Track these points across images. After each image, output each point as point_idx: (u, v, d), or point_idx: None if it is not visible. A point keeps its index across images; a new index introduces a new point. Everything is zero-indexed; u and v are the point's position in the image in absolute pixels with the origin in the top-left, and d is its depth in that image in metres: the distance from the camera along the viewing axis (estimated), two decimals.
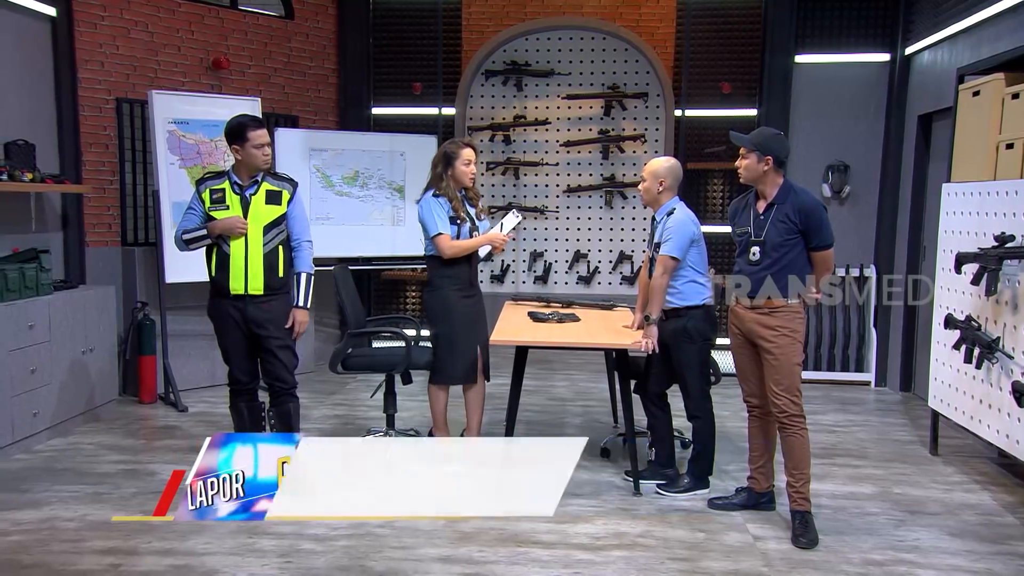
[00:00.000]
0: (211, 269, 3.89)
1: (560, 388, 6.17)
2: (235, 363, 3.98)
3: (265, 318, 3.87)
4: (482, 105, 7.45)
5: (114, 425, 5.03)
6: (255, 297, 3.86)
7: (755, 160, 3.50)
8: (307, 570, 3.14)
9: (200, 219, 3.85)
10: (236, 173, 3.90)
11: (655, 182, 3.96)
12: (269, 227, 3.88)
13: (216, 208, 3.83)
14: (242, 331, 3.90)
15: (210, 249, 3.88)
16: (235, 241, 3.82)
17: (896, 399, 6.07)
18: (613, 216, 7.44)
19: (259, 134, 3.81)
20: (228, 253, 3.83)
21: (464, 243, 4.18)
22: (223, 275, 3.85)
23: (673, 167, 4.00)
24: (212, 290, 3.94)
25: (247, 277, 3.84)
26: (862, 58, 6.45)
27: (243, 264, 3.83)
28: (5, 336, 4.25)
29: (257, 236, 3.85)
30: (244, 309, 3.86)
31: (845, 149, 6.50)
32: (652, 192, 3.99)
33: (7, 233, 4.89)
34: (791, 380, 3.50)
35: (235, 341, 3.92)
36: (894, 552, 3.41)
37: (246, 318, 3.87)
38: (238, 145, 3.83)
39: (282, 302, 3.93)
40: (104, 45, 5.67)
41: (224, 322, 3.90)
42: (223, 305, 3.88)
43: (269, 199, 3.89)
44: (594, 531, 3.53)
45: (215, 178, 3.92)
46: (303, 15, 6.88)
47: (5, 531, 3.44)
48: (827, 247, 3.52)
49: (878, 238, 6.45)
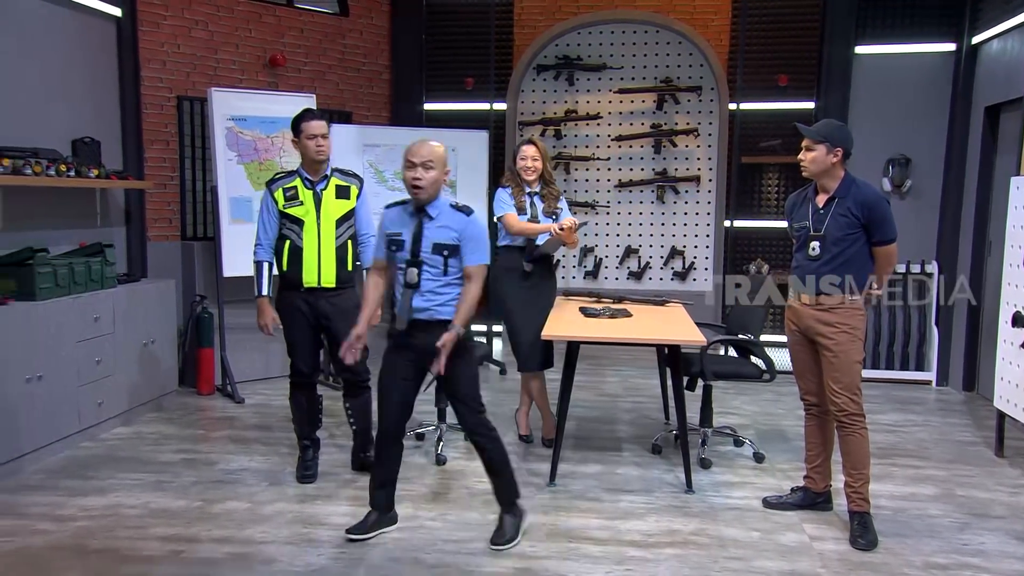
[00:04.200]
0: (282, 263, 3.94)
1: (611, 384, 6.14)
2: (300, 356, 4.01)
3: (335, 312, 3.92)
4: (533, 100, 7.45)
5: (174, 415, 5.16)
6: (326, 291, 3.91)
7: (824, 152, 3.40)
8: (360, 560, 3.18)
9: (276, 220, 3.89)
10: (305, 169, 3.94)
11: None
12: (340, 221, 3.94)
13: (291, 205, 3.87)
14: (310, 324, 3.94)
15: (281, 243, 3.91)
16: (308, 234, 3.87)
17: (959, 399, 5.89)
18: (665, 211, 7.37)
19: (311, 125, 3.86)
20: (301, 247, 3.88)
21: (528, 225, 4.37)
22: (295, 268, 3.89)
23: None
24: (282, 283, 3.96)
25: (320, 270, 3.89)
26: (926, 48, 6.27)
27: (316, 257, 3.88)
28: (73, 328, 4.39)
29: (330, 230, 3.91)
30: (315, 303, 3.91)
31: (906, 142, 6.32)
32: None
33: (74, 228, 5.05)
34: (851, 378, 3.42)
35: (303, 334, 3.96)
36: (958, 556, 3.31)
37: (316, 312, 3.92)
38: (296, 138, 3.90)
39: (350, 296, 3.99)
40: (166, 44, 5.82)
41: (292, 315, 3.93)
42: (292, 298, 3.92)
43: (339, 194, 3.96)
44: (646, 528, 3.51)
45: (285, 177, 3.96)
46: (357, 12, 6.95)
47: (73, 516, 3.56)
48: (890, 241, 3.42)
49: (941, 234, 6.27)
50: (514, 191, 4.45)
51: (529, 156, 4.42)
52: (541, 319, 4.21)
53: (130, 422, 4.94)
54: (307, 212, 3.88)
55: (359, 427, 4.10)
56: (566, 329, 4.03)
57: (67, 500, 3.73)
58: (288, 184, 3.91)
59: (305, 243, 3.87)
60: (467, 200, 6.38)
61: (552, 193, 4.50)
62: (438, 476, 4.11)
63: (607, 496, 3.86)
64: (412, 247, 3.24)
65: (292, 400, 4.10)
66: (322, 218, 3.89)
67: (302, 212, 3.87)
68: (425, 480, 4.04)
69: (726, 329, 4.77)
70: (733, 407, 5.48)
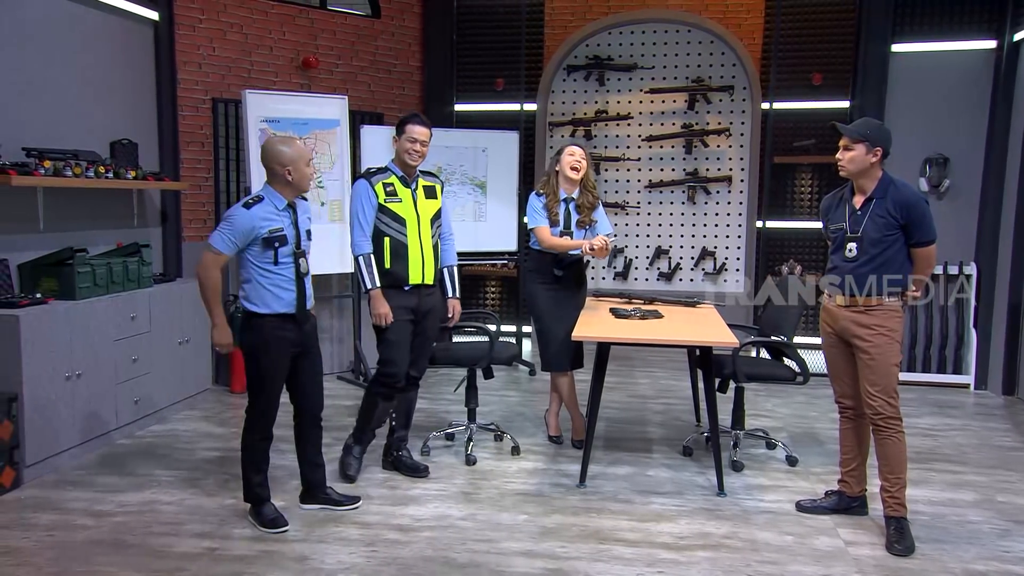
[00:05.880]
0: (385, 260, 3.87)
1: (642, 385, 6.11)
2: (401, 355, 3.91)
3: (431, 308, 3.98)
4: (563, 100, 7.43)
5: (208, 413, 5.23)
6: (428, 287, 3.95)
7: (863, 151, 3.35)
8: (392, 559, 3.19)
9: (375, 213, 3.85)
10: (398, 167, 3.95)
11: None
12: (434, 219, 3.98)
13: (391, 200, 3.86)
14: (411, 322, 3.93)
15: (379, 240, 3.87)
16: (412, 231, 3.88)
17: (998, 403, 5.77)
18: (696, 212, 7.31)
19: (415, 129, 3.87)
20: (406, 244, 3.87)
21: (560, 242, 4.35)
22: (400, 265, 3.88)
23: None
24: (383, 282, 3.88)
25: (423, 267, 3.92)
26: (965, 46, 6.15)
27: (419, 254, 3.90)
28: (110, 326, 4.47)
29: (427, 227, 3.94)
30: (418, 300, 3.93)
31: (945, 141, 6.21)
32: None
33: (112, 228, 5.14)
34: (887, 381, 3.37)
35: (405, 332, 3.92)
36: (999, 563, 3.24)
37: (417, 308, 3.93)
38: (397, 136, 3.93)
39: (439, 294, 4.04)
40: (202, 47, 5.90)
41: (397, 313, 3.87)
42: (393, 297, 3.86)
43: (427, 194, 3.99)
44: (677, 531, 3.48)
45: (380, 173, 3.94)
46: (389, 14, 7.00)
47: (111, 512, 3.62)
48: (929, 243, 3.36)
49: (980, 234, 6.15)
50: (548, 201, 4.38)
51: (577, 153, 4.37)
52: (571, 320, 4.19)
53: (165, 420, 5.02)
54: (407, 209, 3.89)
55: (398, 423, 4.13)
56: (596, 330, 4.01)
57: (105, 496, 3.80)
58: (386, 179, 3.91)
59: (410, 241, 3.88)
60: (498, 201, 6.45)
61: (588, 203, 4.42)
62: (468, 476, 4.12)
63: (638, 498, 3.84)
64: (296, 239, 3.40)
65: (374, 403, 3.98)
66: (420, 216, 3.93)
67: (402, 209, 3.88)
68: (455, 480, 4.05)
69: (758, 331, 4.72)
70: (766, 409, 5.42)
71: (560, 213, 4.38)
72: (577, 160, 4.36)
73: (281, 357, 3.38)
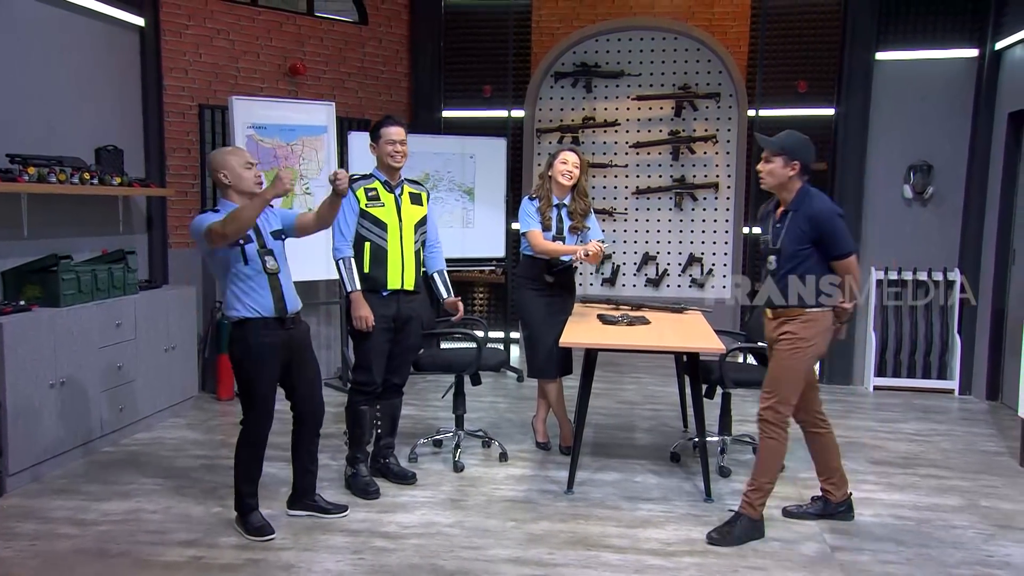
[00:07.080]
0: (365, 264, 3.87)
1: (629, 391, 6.12)
2: (378, 363, 3.91)
3: (412, 316, 3.96)
4: (551, 107, 7.46)
5: (194, 421, 5.20)
6: (408, 294, 3.93)
7: (781, 164, 3.34)
8: (379, 567, 3.18)
9: (356, 219, 3.85)
10: (382, 173, 3.94)
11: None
12: (418, 226, 3.98)
13: (373, 205, 3.86)
14: (389, 328, 3.91)
15: (360, 244, 3.87)
16: (392, 237, 3.87)
17: (982, 408, 5.82)
18: (683, 218, 7.35)
19: (390, 131, 3.87)
20: (386, 248, 3.87)
21: (552, 246, 4.33)
22: (380, 270, 3.87)
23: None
24: (363, 286, 3.87)
25: (403, 272, 3.90)
26: (948, 54, 6.21)
27: (400, 259, 3.89)
28: (95, 333, 4.43)
29: (410, 234, 3.93)
30: (397, 307, 3.91)
31: (928, 149, 6.26)
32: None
33: (97, 235, 5.11)
34: (782, 390, 3.37)
35: (383, 339, 3.90)
36: (983, 568, 3.26)
37: (396, 316, 3.92)
38: (374, 142, 3.93)
39: (422, 302, 4.02)
40: (188, 53, 5.88)
41: (375, 320, 3.85)
42: (371, 304, 3.84)
43: (413, 200, 3.99)
44: (665, 536, 3.49)
45: (363, 179, 3.94)
46: (377, 20, 7.00)
47: (95, 521, 3.59)
48: (844, 256, 3.34)
49: (963, 240, 6.20)
50: (541, 205, 4.39)
51: (570, 161, 4.35)
52: (561, 327, 4.20)
53: (151, 427, 4.98)
54: (389, 214, 3.89)
55: (384, 430, 4.11)
56: (584, 336, 4.02)
57: (89, 505, 3.77)
58: (368, 185, 3.91)
59: (390, 245, 3.88)
60: (485, 207, 6.48)
61: (581, 208, 4.42)
62: (456, 482, 4.11)
63: (626, 504, 3.84)
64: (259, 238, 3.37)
65: (358, 413, 3.95)
66: (403, 221, 3.92)
67: (384, 214, 3.88)
68: (443, 487, 4.05)
69: (745, 336, 4.74)
70: (752, 415, 5.40)
71: (552, 218, 4.39)
72: (569, 169, 4.36)
73: (268, 363, 3.37)
